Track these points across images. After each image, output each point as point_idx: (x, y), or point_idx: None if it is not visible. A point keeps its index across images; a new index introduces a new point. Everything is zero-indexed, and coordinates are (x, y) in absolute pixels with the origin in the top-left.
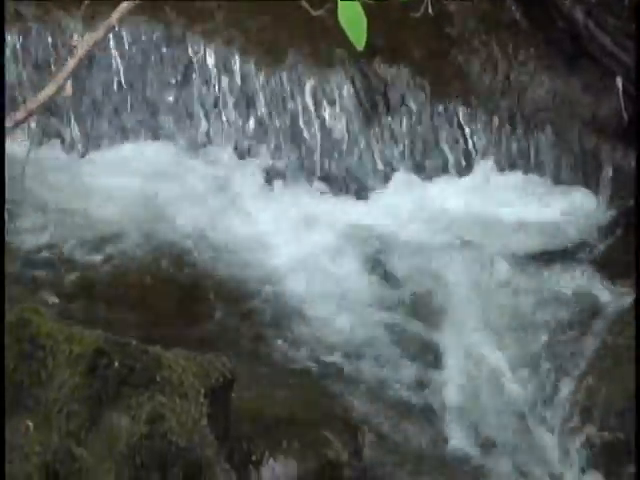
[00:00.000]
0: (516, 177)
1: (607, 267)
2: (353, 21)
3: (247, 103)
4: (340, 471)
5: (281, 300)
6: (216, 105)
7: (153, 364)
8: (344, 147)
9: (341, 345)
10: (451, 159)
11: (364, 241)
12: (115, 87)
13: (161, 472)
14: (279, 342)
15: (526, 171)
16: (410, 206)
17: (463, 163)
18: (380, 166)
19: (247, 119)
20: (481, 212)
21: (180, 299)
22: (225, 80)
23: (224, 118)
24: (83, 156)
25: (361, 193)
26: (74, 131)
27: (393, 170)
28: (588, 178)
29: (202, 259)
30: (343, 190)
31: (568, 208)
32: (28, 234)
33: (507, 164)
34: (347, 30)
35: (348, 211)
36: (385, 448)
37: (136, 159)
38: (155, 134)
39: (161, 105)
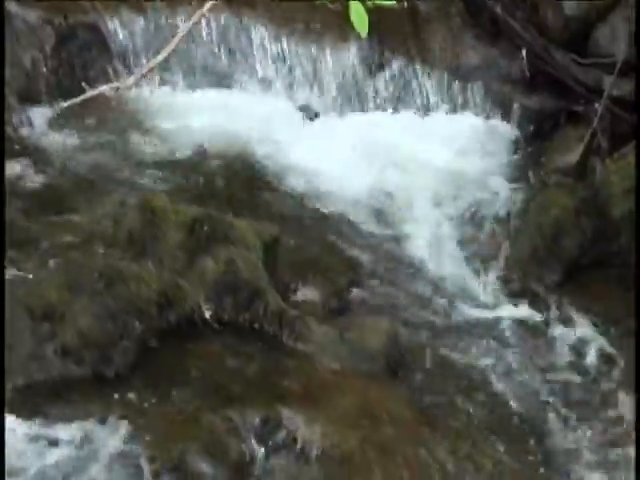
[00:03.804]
0: (460, 115)
1: (513, 168)
2: (359, 18)
3: (289, 65)
4: (344, 295)
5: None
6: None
7: (228, 227)
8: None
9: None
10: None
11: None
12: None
13: (233, 295)
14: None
15: (465, 111)
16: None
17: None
18: (371, 104)
19: (290, 72)
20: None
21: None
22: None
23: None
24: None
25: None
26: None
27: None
28: (505, 112)
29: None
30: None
31: (491, 131)
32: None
33: (453, 107)
34: (355, 24)
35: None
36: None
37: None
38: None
39: (234, 66)
